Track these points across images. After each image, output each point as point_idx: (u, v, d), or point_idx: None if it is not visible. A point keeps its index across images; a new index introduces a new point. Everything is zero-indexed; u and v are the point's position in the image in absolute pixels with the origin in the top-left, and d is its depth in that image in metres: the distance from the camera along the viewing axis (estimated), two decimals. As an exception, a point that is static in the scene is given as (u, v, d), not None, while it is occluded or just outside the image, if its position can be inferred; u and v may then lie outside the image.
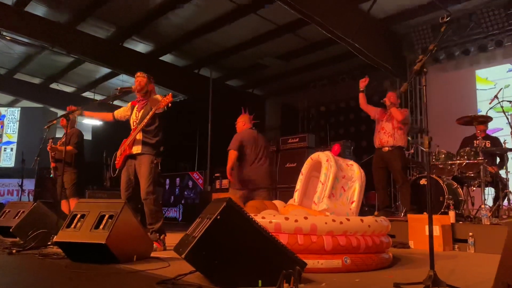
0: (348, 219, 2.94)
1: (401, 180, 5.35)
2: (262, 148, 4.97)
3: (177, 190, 10.34)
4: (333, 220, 2.87)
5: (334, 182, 3.32)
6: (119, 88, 4.15)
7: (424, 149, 2.30)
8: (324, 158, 3.43)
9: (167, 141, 4.74)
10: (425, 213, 4.96)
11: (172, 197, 10.33)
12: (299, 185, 3.70)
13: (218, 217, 2.27)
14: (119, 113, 4.52)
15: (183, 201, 10.14)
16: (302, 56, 9.82)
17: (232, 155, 4.87)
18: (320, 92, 10.69)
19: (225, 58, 10.26)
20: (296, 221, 2.82)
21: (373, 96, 9.59)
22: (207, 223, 2.31)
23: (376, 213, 5.66)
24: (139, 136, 4.16)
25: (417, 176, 5.62)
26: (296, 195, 3.68)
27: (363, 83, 5.60)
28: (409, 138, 6.38)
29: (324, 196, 3.27)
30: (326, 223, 2.84)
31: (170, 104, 3.97)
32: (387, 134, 5.46)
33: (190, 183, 10.06)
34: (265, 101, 12.07)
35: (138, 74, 4.30)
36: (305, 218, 2.85)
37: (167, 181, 10.46)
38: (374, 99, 9.56)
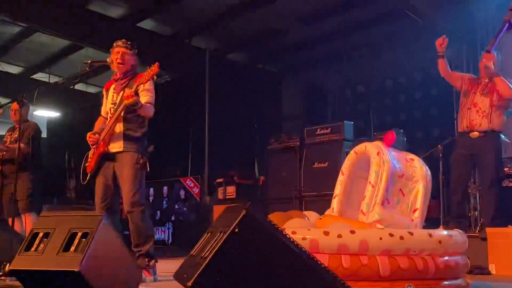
0: (410, 233, 2.99)
1: (490, 180, 5.29)
2: None
3: (164, 202, 10.38)
4: (391, 235, 2.93)
5: (389, 183, 3.35)
6: (89, 61, 4.17)
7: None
8: (374, 150, 3.45)
9: (150, 137, 4.76)
10: (510, 226, 4.92)
11: (159, 212, 10.36)
12: (338, 189, 3.76)
13: (236, 229, 2.28)
14: (104, 109, 4.51)
15: (173, 218, 10.16)
16: (332, 17, 9.75)
17: None
18: (357, 66, 10.63)
19: (225, 23, 10.24)
20: (339, 236, 2.87)
21: (433, 68, 9.58)
22: (220, 238, 2.32)
23: (441, 227, 5.62)
24: (119, 128, 4.19)
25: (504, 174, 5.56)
26: (335, 202, 3.73)
27: (440, 45, 5.51)
28: None
29: (376, 202, 3.32)
30: (381, 238, 2.91)
31: (156, 77, 3.99)
32: (481, 114, 5.34)
33: (182, 193, 10.07)
34: (281, 80, 12.05)
35: (120, 42, 4.30)
36: (352, 232, 2.91)
37: (151, 191, 10.50)
38: (433, 72, 9.55)
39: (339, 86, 11.16)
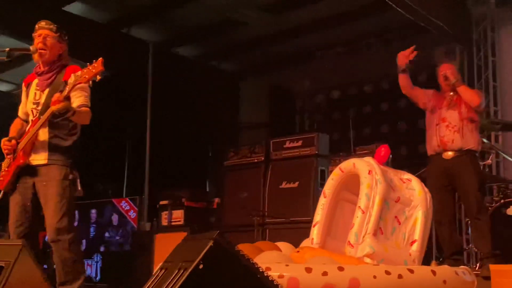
0: (410, 271, 3.00)
1: (476, 206, 5.39)
2: None
3: (92, 229, 10.17)
4: (387, 273, 2.93)
5: (383, 209, 3.34)
6: (7, 49, 4.08)
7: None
8: (365, 168, 3.45)
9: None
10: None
11: (85, 241, 10.13)
12: (320, 215, 3.75)
13: (201, 265, 2.25)
14: (23, 110, 4.46)
15: (102, 249, 9.97)
16: (302, 6, 9.82)
17: None
18: (332, 66, 10.72)
19: (173, 10, 10.18)
20: (324, 274, 2.85)
21: (419, 74, 9.71)
22: (180, 276, 2.28)
23: (433, 262, 5.67)
24: (43, 136, 4.13)
25: (501, 202, 5.67)
26: (315, 231, 3.72)
27: (404, 58, 5.72)
28: (485, 140, 6.47)
29: (367, 232, 3.32)
30: (375, 277, 2.89)
31: (99, 76, 3.89)
32: (452, 128, 5.53)
33: (115, 218, 9.89)
34: (240, 81, 12.07)
35: (42, 23, 4.29)
36: (340, 269, 2.89)
37: (76, 214, 10.27)
38: (420, 79, 9.70)
39: (310, 90, 11.22)
